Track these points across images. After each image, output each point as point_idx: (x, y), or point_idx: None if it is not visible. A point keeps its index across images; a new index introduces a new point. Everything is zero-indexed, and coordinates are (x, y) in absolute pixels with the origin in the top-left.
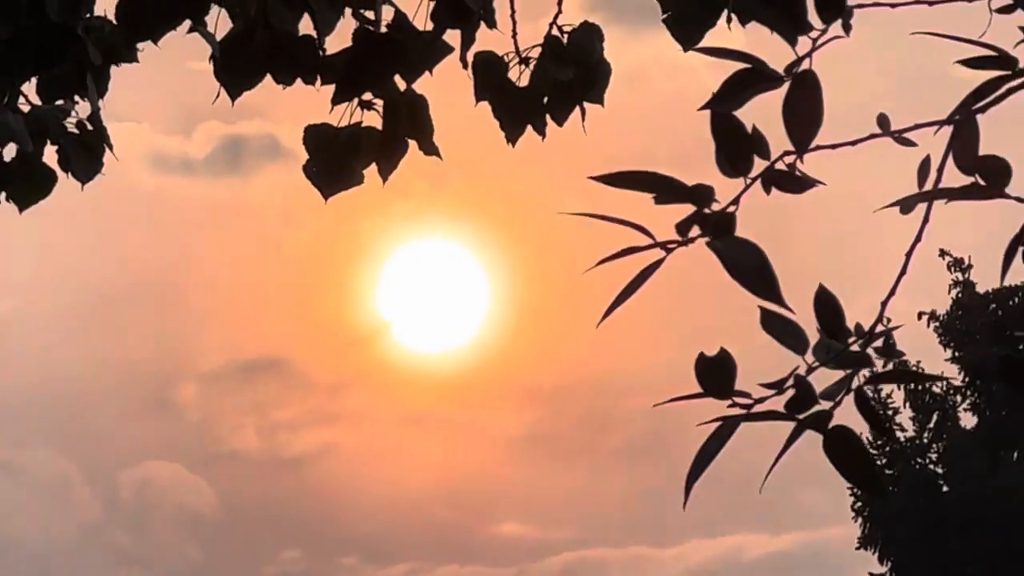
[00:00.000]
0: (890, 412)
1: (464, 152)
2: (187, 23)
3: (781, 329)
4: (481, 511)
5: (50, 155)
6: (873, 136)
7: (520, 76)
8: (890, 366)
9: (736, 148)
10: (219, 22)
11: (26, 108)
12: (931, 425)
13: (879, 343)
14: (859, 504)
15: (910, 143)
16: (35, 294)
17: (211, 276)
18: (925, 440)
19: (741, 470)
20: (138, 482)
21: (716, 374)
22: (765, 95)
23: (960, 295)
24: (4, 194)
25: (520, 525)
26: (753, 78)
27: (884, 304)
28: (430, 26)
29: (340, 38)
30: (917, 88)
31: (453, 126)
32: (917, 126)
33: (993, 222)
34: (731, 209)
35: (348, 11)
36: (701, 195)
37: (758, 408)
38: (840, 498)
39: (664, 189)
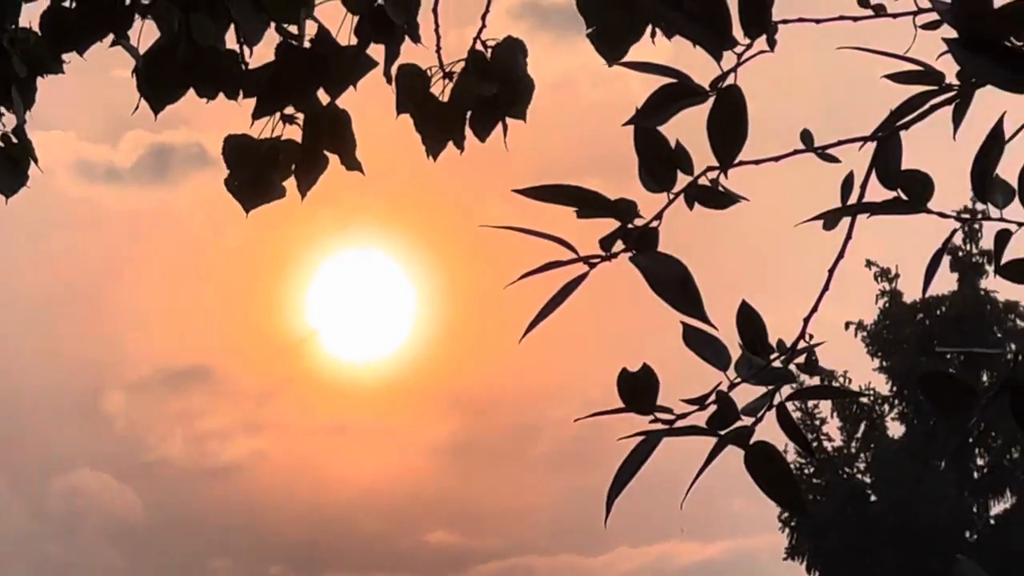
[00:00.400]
0: (817, 422)
1: (391, 162)
2: (111, 36)
3: (703, 345)
4: (409, 520)
5: None
6: (797, 152)
7: (444, 90)
8: (816, 381)
9: (659, 163)
10: (143, 34)
11: None
12: (859, 435)
13: (801, 359)
14: (786, 515)
15: (834, 159)
16: None
17: (139, 285)
18: (853, 450)
19: (671, 477)
20: (67, 491)
21: (639, 390)
22: (690, 109)
23: (887, 305)
24: None
25: (448, 534)
26: (678, 93)
27: (806, 320)
28: (354, 40)
29: (265, 52)
30: (842, 102)
31: (380, 136)
32: (840, 142)
33: (920, 232)
34: (654, 224)
35: (272, 25)
36: (624, 210)
37: (680, 424)
38: (768, 507)
39: (587, 203)
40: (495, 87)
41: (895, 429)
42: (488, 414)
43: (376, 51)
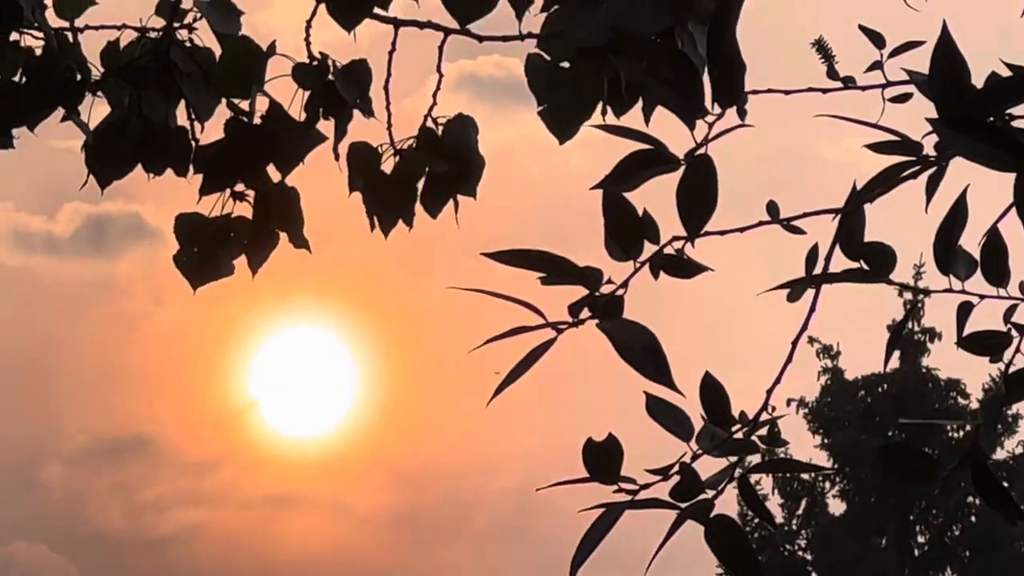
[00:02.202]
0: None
1: (330, 235)
2: (60, 111)
3: (666, 415)
4: None
5: None
6: (762, 223)
7: (394, 168)
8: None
9: (626, 232)
10: (92, 109)
11: None
12: (800, 511)
13: (764, 431)
14: None
15: (799, 230)
16: None
17: (76, 355)
18: (794, 527)
19: (614, 552)
20: (3, 562)
21: (603, 459)
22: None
23: (829, 382)
24: None
25: None
26: (649, 160)
27: (769, 392)
28: (304, 117)
29: (214, 127)
30: (808, 172)
31: (318, 207)
32: (805, 214)
33: (861, 309)
34: (620, 292)
35: (223, 101)
36: (591, 277)
37: (643, 494)
38: None
39: (556, 269)
40: (446, 164)
41: (836, 506)
42: (427, 486)
43: (325, 126)
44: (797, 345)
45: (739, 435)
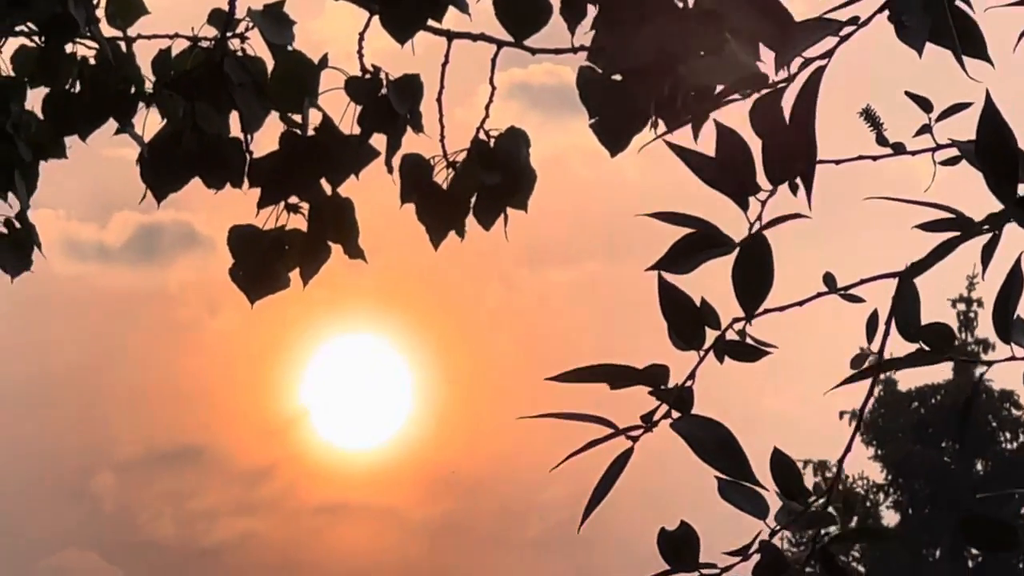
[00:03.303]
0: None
1: (385, 246)
2: (114, 123)
3: (741, 497)
4: None
5: None
6: (820, 295)
7: (446, 180)
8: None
9: (686, 324)
10: (147, 123)
11: None
12: (853, 524)
13: (840, 503)
14: None
15: (858, 299)
16: None
17: (128, 364)
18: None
19: (661, 565)
20: (54, 572)
21: (681, 548)
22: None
23: (882, 393)
24: None
25: None
26: (703, 243)
27: (840, 462)
28: (356, 130)
29: (267, 141)
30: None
31: (374, 218)
32: (862, 281)
33: None
34: (688, 384)
35: (275, 114)
36: (655, 376)
37: None
38: None
39: (619, 377)
40: (498, 176)
41: (890, 518)
42: (479, 495)
43: (378, 140)
44: (862, 416)
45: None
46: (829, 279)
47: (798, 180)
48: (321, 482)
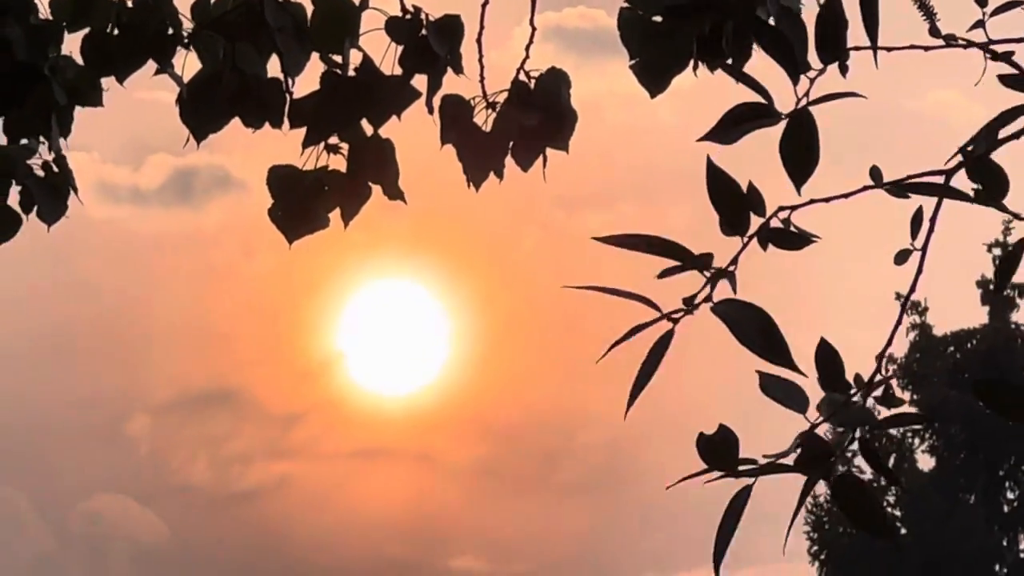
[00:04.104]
0: (848, 455)
1: (422, 189)
2: (153, 64)
3: (782, 391)
4: (435, 545)
5: (13, 195)
6: (866, 188)
7: (486, 120)
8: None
9: (732, 208)
10: (187, 64)
11: None
12: (889, 466)
13: (879, 392)
14: (815, 548)
15: (905, 195)
16: None
17: (163, 307)
18: (882, 482)
19: (698, 506)
20: (91, 515)
21: (720, 450)
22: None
23: (918, 338)
24: None
25: (474, 559)
26: (751, 113)
27: (881, 355)
28: (397, 70)
29: (307, 82)
30: (896, 126)
31: (410, 162)
32: (909, 177)
33: (950, 264)
34: (731, 269)
35: (316, 55)
36: (699, 259)
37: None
38: (796, 539)
39: (667, 252)
40: (538, 117)
41: (925, 462)
42: (515, 440)
43: (419, 81)
44: (906, 307)
45: (856, 399)
46: (875, 172)
47: (848, 63)
48: (356, 427)
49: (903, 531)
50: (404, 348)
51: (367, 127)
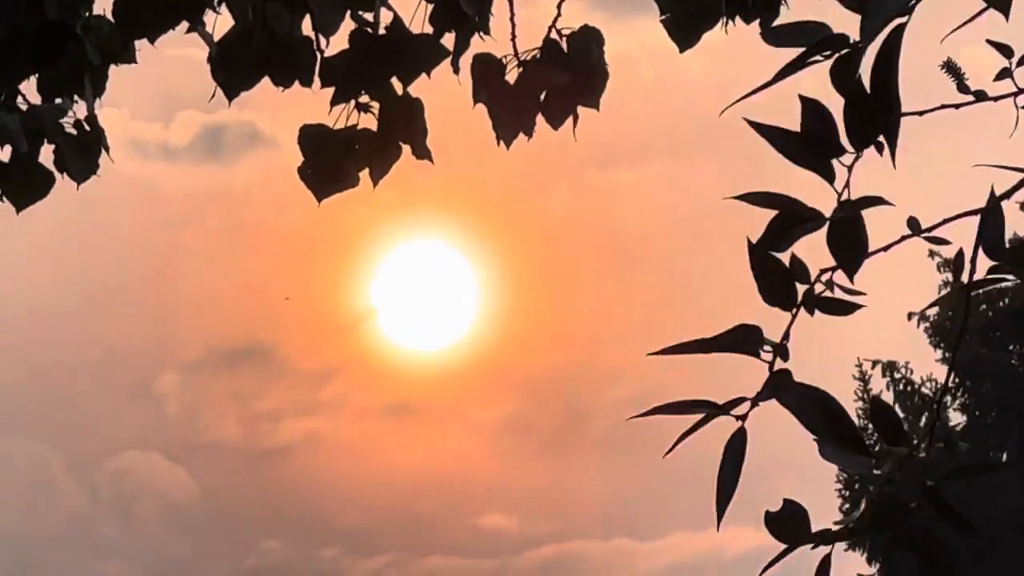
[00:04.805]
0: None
1: (452, 147)
2: (185, 23)
3: (843, 458)
4: (464, 502)
5: (45, 153)
6: (905, 238)
7: (517, 79)
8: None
9: (779, 288)
10: (218, 22)
11: (24, 107)
12: (920, 425)
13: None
14: (847, 506)
15: (943, 240)
16: (14, 283)
17: (192, 263)
18: (914, 440)
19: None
20: (119, 472)
21: (790, 526)
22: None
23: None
24: (0, 193)
25: (503, 517)
26: (796, 219)
27: (938, 403)
28: (428, 29)
29: (336, 40)
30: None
31: (441, 121)
32: (944, 221)
33: None
34: (784, 343)
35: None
36: (749, 338)
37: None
38: (827, 496)
39: (714, 347)
40: (569, 75)
41: (956, 420)
42: (544, 396)
43: (449, 40)
44: (956, 356)
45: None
46: (913, 223)
47: (882, 139)
48: (386, 383)
49: None
50: (435, 305)
51: (397, 86)
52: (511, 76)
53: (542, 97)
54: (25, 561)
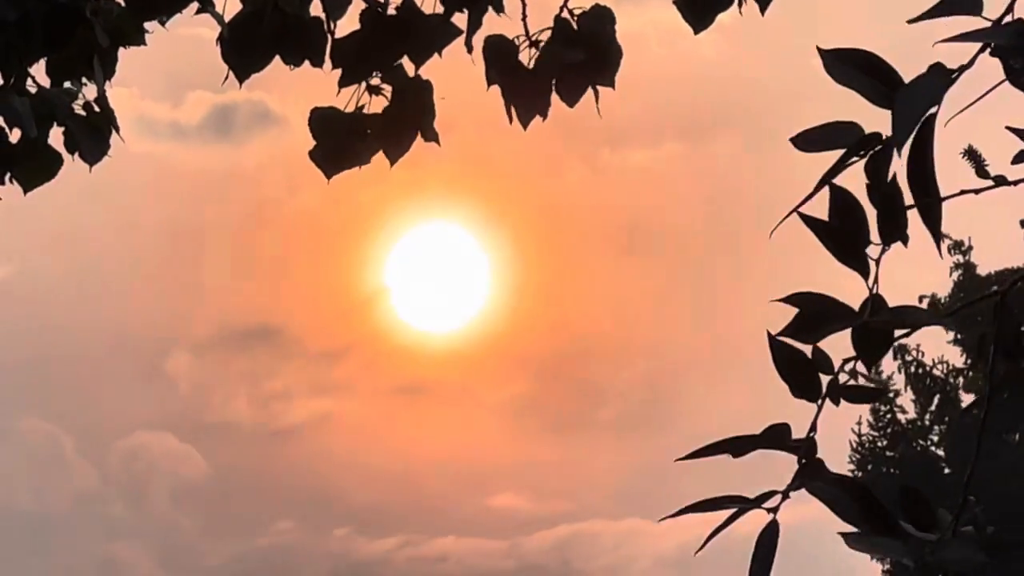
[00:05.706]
0: (891, 395)
1: (460, 128)
2: (195, 4)
3: (871, 545)
4: (476, 482)
5: (55, 135)
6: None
7: (530, 59)
8: None
9: (803, 382)
10: (228, 2)
11: (34, 90)
12: (932, 407)
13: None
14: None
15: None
16: (28, 261)
17: (204, 243)
18: (927, 422)
19: None
20: (131, 452)
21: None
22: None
23: (961, 277)
24: (9, 175)
25: (515, 496)
26: (826, 315)
27: (967, 485)
28: (439, 9)
29: (347, 20)
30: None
31: (453, 99)
32: (970, 303)
33: (993, 203)
34: (811, 435)
35: None
36: (777, 436)
37: None
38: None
39: (743, 447)
40: (582, 54)
41: (969, 401)
42: (556, 376)
43: (460, 20)
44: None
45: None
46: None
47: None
48: (398, 363)
49: (947, 471)
50: (447, 286)
51: (408, 67)
52: (524, 56)
53: (556, 77)
54: (38, 540)
